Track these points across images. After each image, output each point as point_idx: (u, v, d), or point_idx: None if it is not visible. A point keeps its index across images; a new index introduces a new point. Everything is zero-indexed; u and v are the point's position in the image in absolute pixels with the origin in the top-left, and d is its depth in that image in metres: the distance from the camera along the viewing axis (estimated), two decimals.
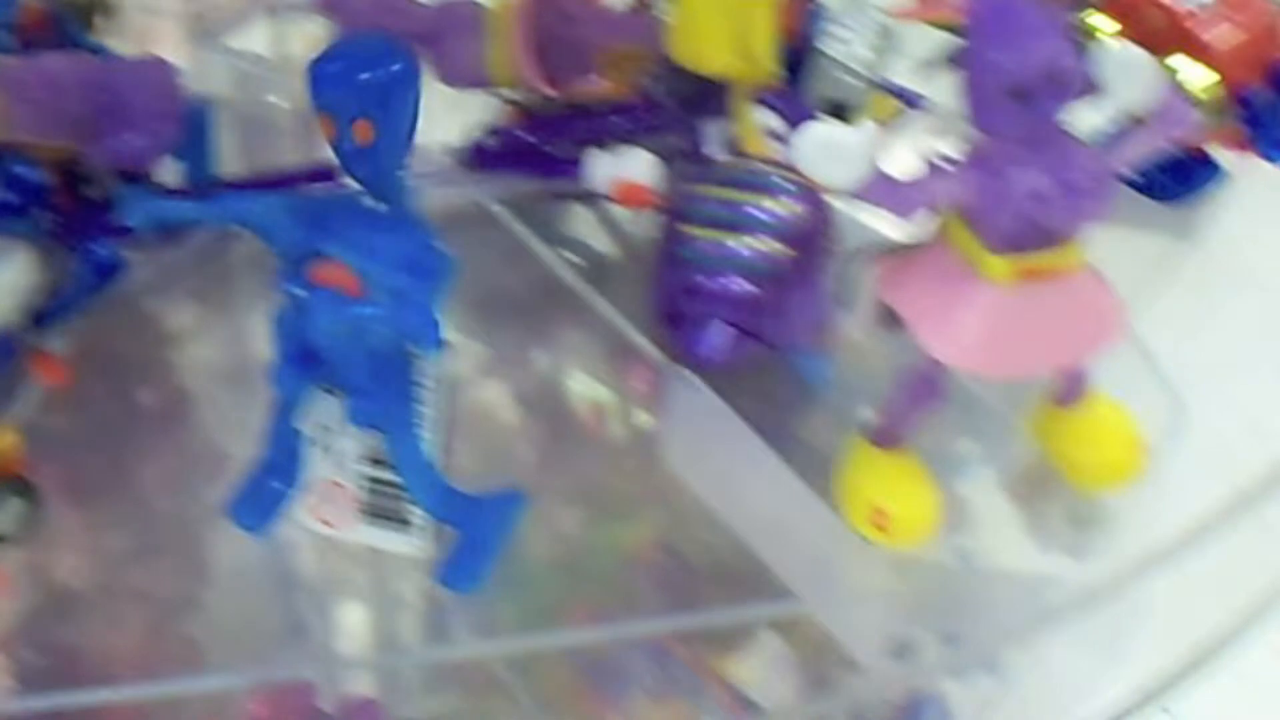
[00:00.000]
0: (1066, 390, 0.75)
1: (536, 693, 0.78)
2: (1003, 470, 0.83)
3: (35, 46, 0.84)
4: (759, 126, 0.84)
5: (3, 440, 0.74)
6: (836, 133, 0.64)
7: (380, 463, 0.70)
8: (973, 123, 0.65)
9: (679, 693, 0.77)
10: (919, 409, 0.73)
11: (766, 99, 0.85)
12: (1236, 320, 0.93)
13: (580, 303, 0.88)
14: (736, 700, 0.77)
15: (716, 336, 0.77)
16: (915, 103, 0.94)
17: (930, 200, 0.66)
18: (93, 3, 0.91)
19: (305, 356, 0.67)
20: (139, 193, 0.66)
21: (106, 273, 0.81)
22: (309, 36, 0.96)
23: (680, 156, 0.86)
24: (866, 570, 0.76)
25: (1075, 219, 0.66)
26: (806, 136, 0.64)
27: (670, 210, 0.79)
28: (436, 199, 0.87)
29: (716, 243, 0.77)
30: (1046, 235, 0.66)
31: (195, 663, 0.76)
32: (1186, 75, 0.88)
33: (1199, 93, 0.88)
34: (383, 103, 0.61)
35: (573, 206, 0.95)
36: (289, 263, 0.64)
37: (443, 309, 0.65)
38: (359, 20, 0.86)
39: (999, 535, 0.82)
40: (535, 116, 0.89)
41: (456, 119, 0.93)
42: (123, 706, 0.73)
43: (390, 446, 0.69)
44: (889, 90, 0.92)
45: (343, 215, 0.64)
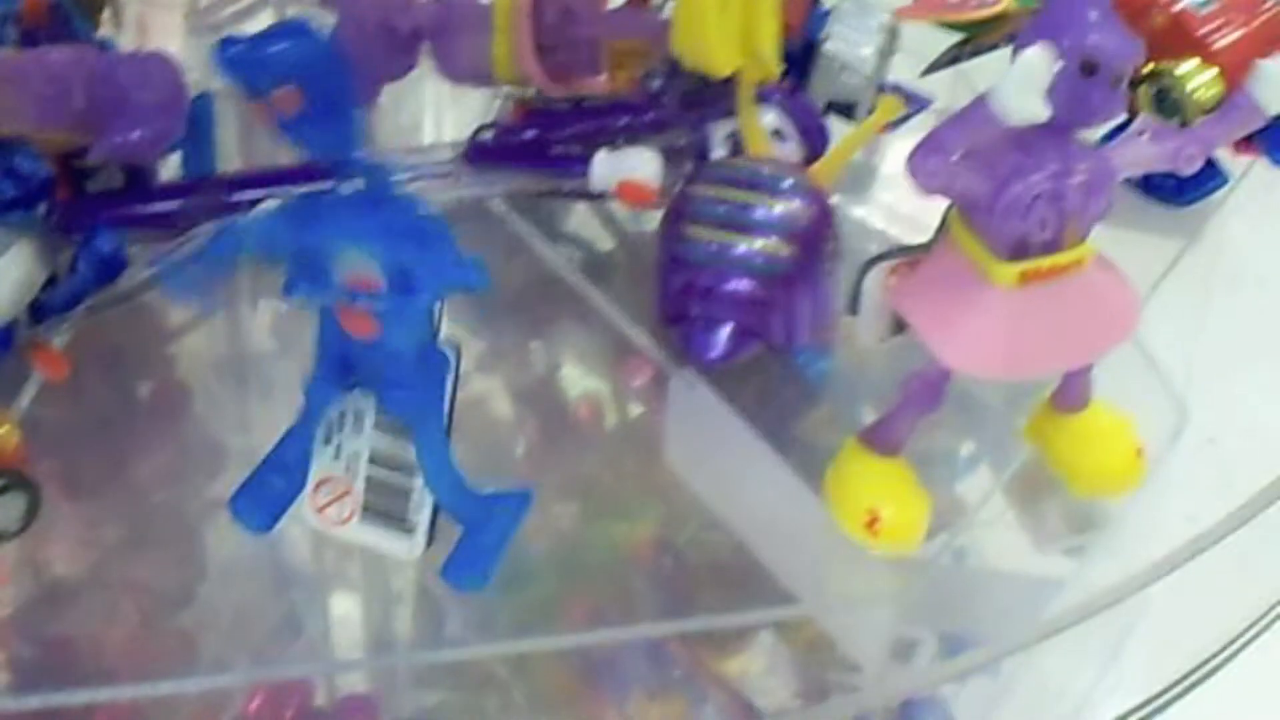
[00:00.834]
0: (1069, 396, 0.75)
1: (532, 690, 0.77)
2: (1002, 472, 0.83)
3: (38, 39, 0.84)
4: (763, 126, 0.84)
5: (2, 435, 0.74)
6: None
7: (386, 464, 0.70)
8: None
9: (676, 692, 0.77)
10: (920, 415, 0.72)
11: (770, 98, 0.85)
12: (1239, 323, 0.93)
13: (580, 300, 0.88)
14: (735, 700, 0.77)
15: (719, 336, 0.77)
16: (919, 102, 0.94)
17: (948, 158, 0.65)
18: None
19: (344, 369, 0.67)
20: (177, 276, 0.66)
21: (108, 268, 0.80)
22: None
23: (684, 155, 0.86)
24: (866, 572, 0.76)
25: (1082, 220, 0.66)
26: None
27: (673, 209, 0.79)
28: (437, 195, 0.88)
29: (720, 242, 0.77)
30: (1052, 237, 0.66)
31: (190, 657, 0.76)
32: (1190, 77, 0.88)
33: (1201, 93, 0.88)
34: (293, 70, 0.60)
35: (574, 204, 0.94)
36: (306, 270, 0.64)
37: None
38: (361, 14, 0.86)
39: (999, 538, 0.82)
40: (538, 113, 0.89)
41: (459, 114, 0.93)
42: (116, 700, 0.73)
43: (418, 439, 0.68)
44: (892, 90, 0.92)
45: (334, 208, 0.64)
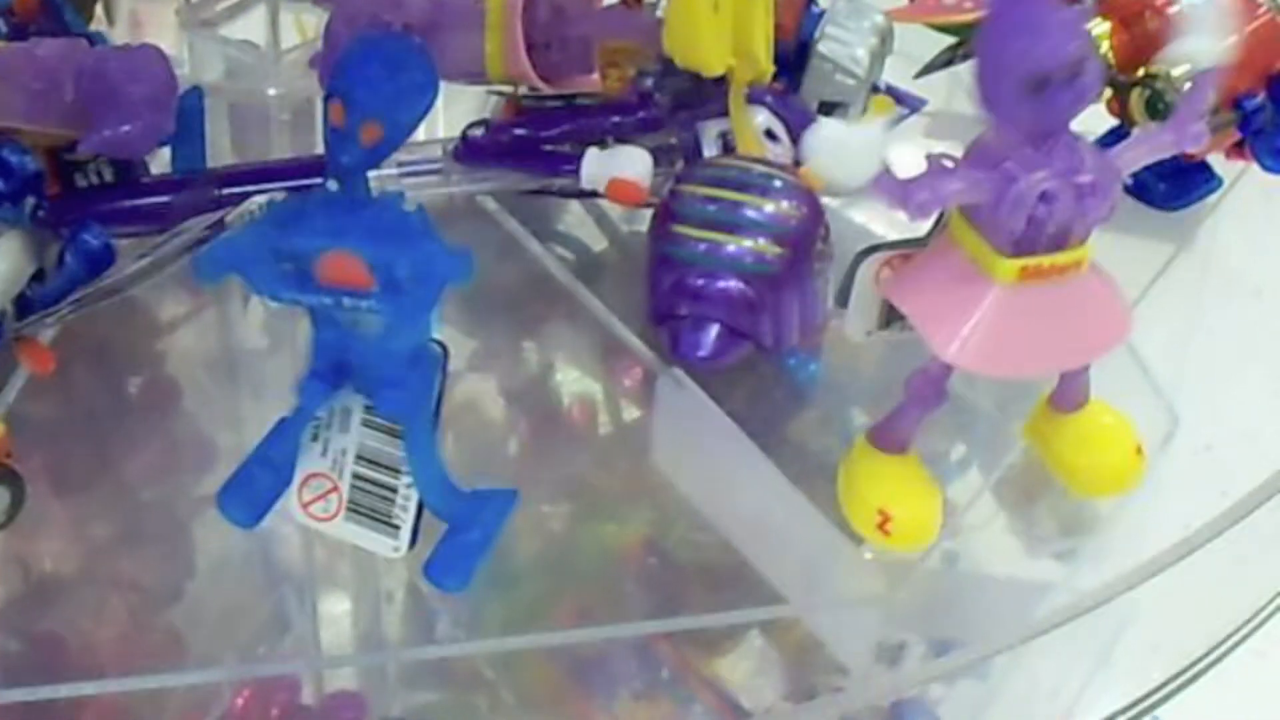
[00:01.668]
0: (1067, 397, 0.75)
1: (520, 690, 0.77)
2: (993, 475, 0.83)
3: (29, 33, 0.84)
4: (755, 126, 0.84)
5: None
6: (846, 131, 0.64)
7: (372, 462, 0.69)
8: (987, 117, 0.65)
9: (664, 693, 0.77)
10: (925, 412, 0.72)
11: (762, 98, 0.85)
12: (1230, 328, 0.93)
13: (571, 299, 0.88)
14: (722, 701, 0.77)
15: (709, 337, 0.77)
16: (912, 104, 0.94)
17: (940, 200, 0.66)
18: None
19: (337, 371, 0.67)
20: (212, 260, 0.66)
21: (95, 262, 0.80)
22: (304, 26, 0.95)
23: (675, 154, 0.86)
24: (855, 574, 0.76)
25: (1085, 220, 0.66)
26: (817, 135, 0.63)
27: (663, 208, 0.79)
28: (428, 192, 0.88)
29: (710, 243, 0.77)
30: (1055, 236, 0.66)
31: (178, 653, 0.76)
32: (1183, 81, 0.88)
33: None
34: (399, 110, 0.61)
35: (567, 202, 0.94)
36: (293, 274, 0.64)
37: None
38: (354, 10, 0.86)
39: (989, 540, 0.82)
40: (529, 111, 0.89)
41: (454, 112, 0.93)
42: (104, 696, 0.73)
43: (407, 437, 0.68)
44: (886, 92, 0.92)
45: (319, 210, 0.64)
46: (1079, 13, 0.64)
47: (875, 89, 0.92)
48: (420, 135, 0.94)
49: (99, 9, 0.95)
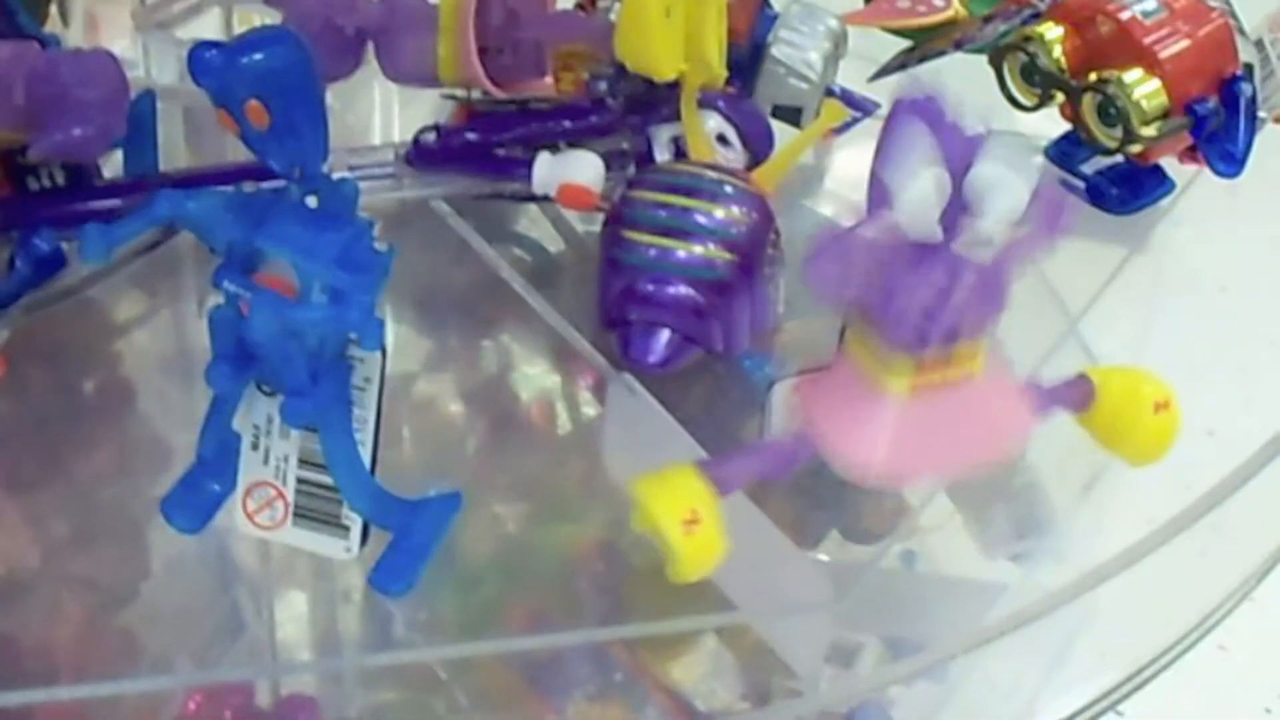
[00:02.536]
0: (1069, 405, 0.74)
1: (475, 692, 0.77)
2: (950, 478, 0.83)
3: None
4: (706, 131, 0.84)
5: None
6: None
7: (315, 465, 0.69)
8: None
9: (619, 695, 0.77)
10: (762, 476, 0.71)
11: (715, 103, 0.85)
12: (1187, 328, 0.93)
13: (524, 301, 0.88)
14: (677, 704, 0.77)
15: (660, 342, 0.77)
16: (865, 108, 0.95)
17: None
18: None
19: (241, 355, 0.66)
20: (96, 233, 0.65)
21: (46, 266, 0.80)
22: (260, 28, 0.95)
23: (627, 159, 0.86)
24: (804, 581, 0.76)
25: (971, 331, 0.66)
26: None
27: (615, 214, 0.79)
28: (379, 196, 0.88)
29: (661, 248, 0.77)
30: (943, 347, 0.65)
31: (132, 654, 0.76)
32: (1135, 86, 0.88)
33: (1146, 102, 0.88)
34: (265, 86, 0.61)
35: (518, 206, 0.94)
36: (228, 260, 0.64)
37: (381, 306, 0.64)
38: (306, 13, 0.86)
39: (944, 540, 0.82)
40: (481, 115, 0.89)
41: (409, 115, 0.93)
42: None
43: (324, 447, 0.68)
44: (839, 95, 0.93)
45: (280, 213, 0.64)
46: (971, 132, 0.63)
47: (829, 92, 0.92)
48: (374, 139, 0.94)
49: (53, 9, 0.94)
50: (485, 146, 0.88)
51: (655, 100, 0.85)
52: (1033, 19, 0.92)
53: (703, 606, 0.75)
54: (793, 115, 0.90)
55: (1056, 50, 0.91)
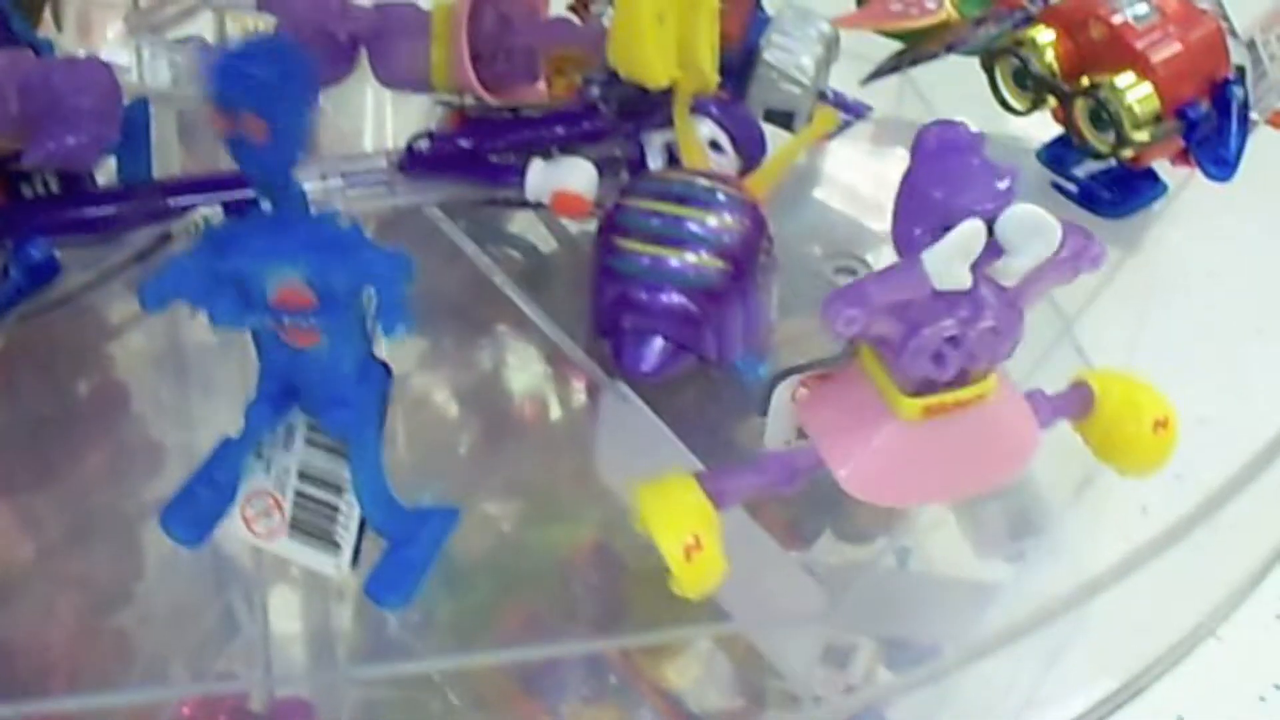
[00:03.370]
0: (1070, 414, 0.74)
1: (469, 693, 0.78)
2: None
3: None
4: (699, 137, 0.84)
5: None
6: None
7: (315, 480, 0.70)
8: (899, 250, 0.65)
9: (613, 697, 0.77)
10: (771, 492, 0.71)
11: (708, 109, 0.85)
12: (1178, 329, 0.93)
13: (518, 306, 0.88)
14: (671, 706, 0.77)
15: (653, 351, 0.77)
16: (856, 111, 0.95)
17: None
18: None
19: (282, 393, 0.67)
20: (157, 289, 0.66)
21: (39, 273, 0.80)
22: (252, 33, 0.95)
23: (620, 165, 0.86)
24: (796, 590, 0.76)
25: (989, 360, 0.66)
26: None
27: (607, 222, 0.79)
28: (372, 204, 0.88)
29: (653, 256, 0.77)
30: (958, 376, 0.66)
31: (127, 656, 0.76)
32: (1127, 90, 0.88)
33: (1138, 106, 0.88)
34: (273, 103, 0.61)
35: (512, 212, 0.94)
36: (239, 297, 0.64)
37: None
38: (299, 18, 0.86)
39: (940, 541, 0.82)
40: (474, 122, 0.88)
41: (401, 121, 0.93)
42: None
43: (354, 454, 0.68)
44: (831, 99, 0.93)
45: (254, 231, 0.64)
46: (1001, 169, 0.63)
47: (822, 96, 0.92)
48: (367, 144, 0.94)
49: (47, 14, 0.94)
50: (478, 153, 0.88)
51: (648, 106, 0.85)
52: (1025, 23, 0.93)
53: (697, 608, 0.75)
54: (785, 120, 0.90)
55: (1048, 54, 0.91)
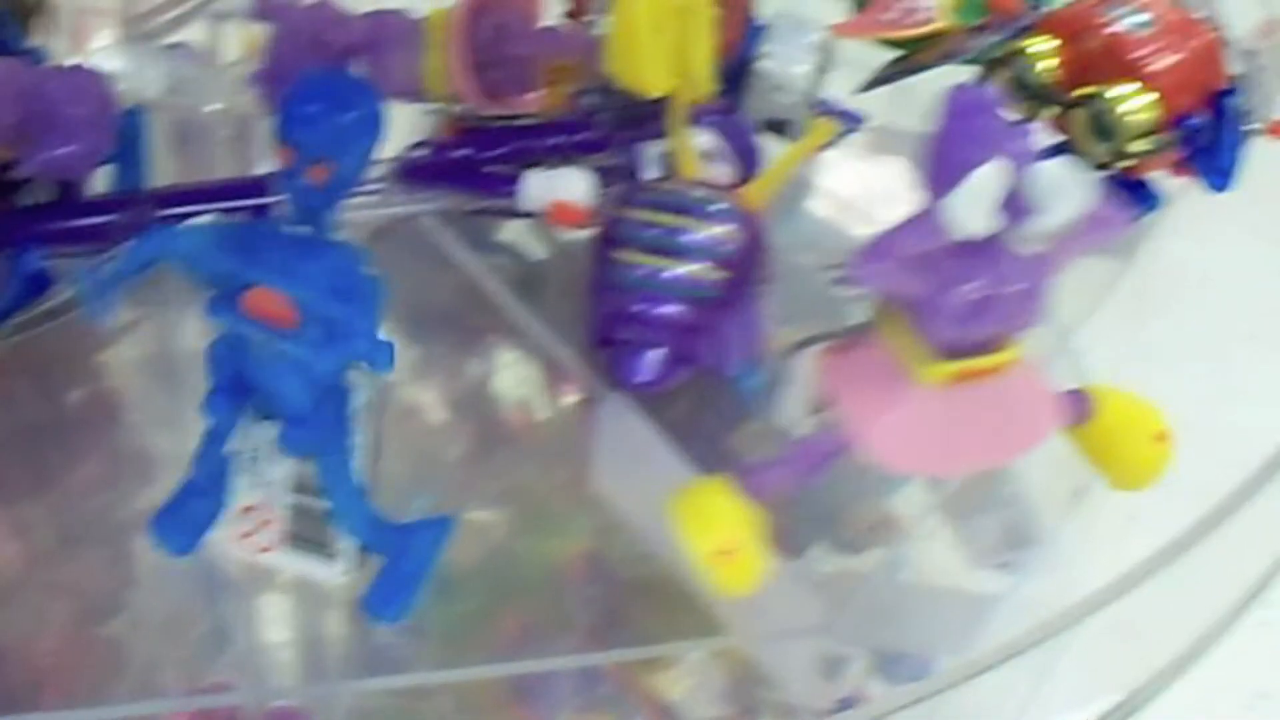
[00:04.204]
0: (1070, 416, 0.74)
1: (462, 701, 0.78)
2: (938, 486, 0.83)
3: None
4: (695, 147, 0.84)
5: None
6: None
7: (307, 490, 0.69)
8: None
9: (606, 707, 0.77)
10: (804, 482, 0.72)
11: (703, 117, 0.85)
12: (1175, 340, 0.93)
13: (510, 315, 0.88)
14: (665, 716, 0.77)
15: (650, 362, 0.77)
16: (852, 119, 0.94)
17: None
18: (30, 5, 0.90)
19: (239, 386, 0.67)
20: (93, 283, 0.65)
21: (32, 285, 0.80)
22: (246, 41, 0.95)
23: (616, 175, 0.86)
24: (792, 601, 0.76)
25: (1016, 327, 0.66)
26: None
27: (603, 232, 0.79)
28: (368, 213, 0.88)
29: (649, 267, 0.76)
30: (985, 341, 0.65)
31: (119, 664, 0.76)
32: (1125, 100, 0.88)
33: (1136, 117, 0.88)
34: (346, 149, 0.61)
35: (507, 222, 0.94)
36: (220, 293, 0.64)
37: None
38: (294, 28, 0.86)
39: (933, 551, 0.82)
40: (470, 131, 0.88)
41: (399, 130, 0.93)
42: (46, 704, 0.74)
43: (322, 473, 0.68)
44: (828, 109, 0.92)
45: (272, 243, 0.64)
46: (1027, 127, 0.63)
47: (815, 105, 0.92)
48: None
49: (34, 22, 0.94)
50: (474, 163, 0.88)
51: (644, 116, 0.85)
52: (1023, 32, 0.92)
53: (691, 617, 0.76)
54: (781, 129, 0.90)
55: (1046, 64, 0.91)
